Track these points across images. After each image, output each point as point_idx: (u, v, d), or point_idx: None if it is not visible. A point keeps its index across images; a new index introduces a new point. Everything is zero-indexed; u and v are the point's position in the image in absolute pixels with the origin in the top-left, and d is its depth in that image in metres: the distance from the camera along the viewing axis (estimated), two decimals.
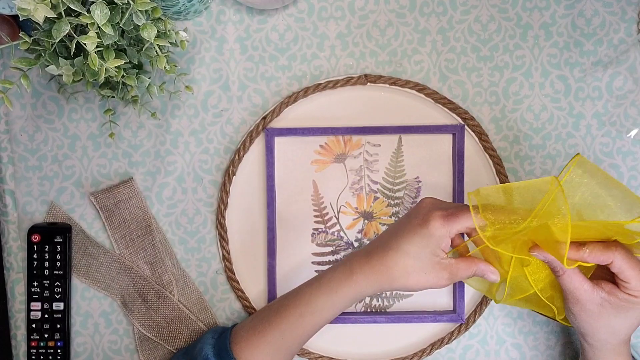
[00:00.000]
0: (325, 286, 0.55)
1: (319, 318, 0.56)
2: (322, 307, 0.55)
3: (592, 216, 0.50)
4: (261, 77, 0.68)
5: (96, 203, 0.67)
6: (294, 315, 0.56)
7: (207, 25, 0.67)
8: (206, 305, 0.69)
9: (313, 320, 0.56)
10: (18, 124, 0.68)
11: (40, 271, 0.67)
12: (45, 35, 0.52)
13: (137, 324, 0.68)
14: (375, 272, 0.53)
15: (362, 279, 0.53)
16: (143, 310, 0.68)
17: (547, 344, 0.69)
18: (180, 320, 0.68)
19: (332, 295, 0.54)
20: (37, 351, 0.67)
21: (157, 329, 0.68)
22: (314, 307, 0.55)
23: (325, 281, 0.55)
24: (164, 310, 0.68)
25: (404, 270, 0.51)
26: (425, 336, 0.69)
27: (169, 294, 0.68)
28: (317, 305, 0.55)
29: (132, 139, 0.68)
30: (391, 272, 0.52)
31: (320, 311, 0.55)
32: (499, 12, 0.68)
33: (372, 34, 0.68)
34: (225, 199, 0.68)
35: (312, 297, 0.56)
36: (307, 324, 0.56)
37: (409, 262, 0.51)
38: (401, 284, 0.52)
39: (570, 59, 0.68)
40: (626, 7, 0.68)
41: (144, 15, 0.53)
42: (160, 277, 0.68)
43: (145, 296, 0.68)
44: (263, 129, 0.67)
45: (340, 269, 0.55)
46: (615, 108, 0.68)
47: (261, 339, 0.57)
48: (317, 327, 0.57)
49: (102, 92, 0.61)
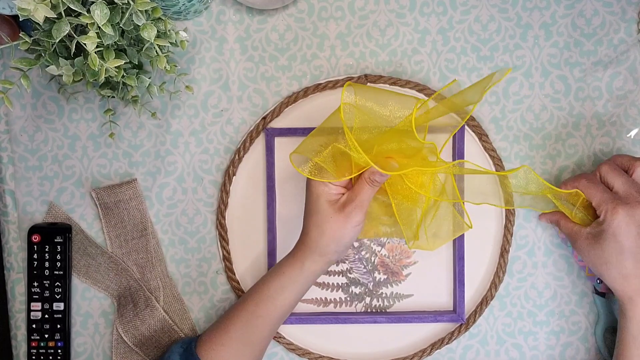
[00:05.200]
0: (274, 271, 0.61)
1: (275, 305, 0.59)
2: (273, 292, 0.59)
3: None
4: (261, 77, 0.68)
5: (97, 199, 0.67)
6: (251, 305, 0.60)
7: (207, 25, 0.67)
8: (188, 316, 0.69)
9: (270, 308, 0.59)
10: (18, 124, 0.68)
11: (41, 271, 0.67)
12: (45, 36, 0.52)
13: (120, 330, 0.67)
14: (301, 243, 0.59)
15: (298, 253, 0.59)
16: (131, 315, 0.67)
17: (547, 344, 0.69)
18: (164, 331, 0.68)
19: (280, 278, 0.59)
20: (38, 351, 0.67)
21: (138, 338, 0.67)
22: (267, 294, 0.59)
23: (275, 268, 0.61)
24: (149, 320, 0.67)
25: (317, 227, 0.58)
26: (425, 336, 0.69)
27: (156, 301, 0.67)
28: (269, 291, 0.59)
29: (132, 139, 0.68)
30: (310, 235, 0.58)
31: (273, 297, 0.59)
32: (499, 12, 0.68)
33: (372, 34, 0.68)
34: (225, 199, 0.68)
35: (264, 284, 0.60)
36: (265, 313, 0.59)
37: (314, 218, 0.58)
38: (324, 241, 0.57)
39: (570, 59, 0.68)
40: (626, 7, 0.68)
41: (144, 15, 0.53)
42: (148, 281, 0.68)
43: (136, 301, 0.67)
44: (263, 129, 0.67)
45: (286, 256, 0.61)
46: (615, 108, 0.68)
47: (225, 335, 0.60)
48: (275, 316, 0.60)
49: (102, 92, 0.61)
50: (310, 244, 0.58)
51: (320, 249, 0.58)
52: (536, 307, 0.69)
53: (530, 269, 0.69)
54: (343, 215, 0.56)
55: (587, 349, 0.70)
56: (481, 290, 0.69)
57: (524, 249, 0.69)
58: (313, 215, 0.58)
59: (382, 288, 0.69)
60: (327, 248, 0.58)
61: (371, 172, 0.56)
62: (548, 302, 0.69)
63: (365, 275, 0.69)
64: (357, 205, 0.56)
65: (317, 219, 0.58)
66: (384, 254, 0.69)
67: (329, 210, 0.57)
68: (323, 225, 0.57)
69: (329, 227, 0.57)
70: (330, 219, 0.57)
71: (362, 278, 0.69)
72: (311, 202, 0.58)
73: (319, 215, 0.57)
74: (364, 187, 0.57)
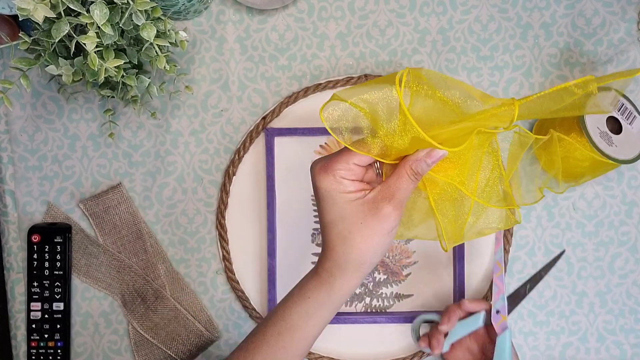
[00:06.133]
0: (297, 295, 0.49)
1: (300, 335, 0.49)
2: (297, 319, 0.49)
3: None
4: (261, 77, 0.68)
5: (85, 210, 0.67)
6: (272, 336, 0.49)
7: (207, 25, 0.67)
8: (202, 307, 0.69)
9: (295, 338, 0.49)
10: (18, 124, 0.68)
11: (40, 271, 0.67)
12: (45, 35, 0.52)
13: (136, 325, 0.68)
14: (326, 259, 0.47)
15: (324, 274, 0.48)
16: (142, 310, 0.68)
17: (547, 344, 0.69)
18: (178, 321, 0.68)
19: (304, 303, 0.48)
20: (37, 351, 0.67)
21: (154, 330, 0.68)
22: (290, 322, 0.49)
23: (296, 290, 0.50)
24: (162, 310, 0.68)
25: (343, 238, 0.45)
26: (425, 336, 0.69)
27: (167, 293, 0.68)
28: (292, 318, 0.49)
29: (132, 139, 0.68)
30: (336, 250, 0.46)
31: (298, 326, 0.49)
32: (499, 12, 0.68)
33: (372, 34, 0.68)
34: (225, 199, 0.68)
35: (286, 309, 0.49)
36: (290, 344, 0.49)
37: (337, 228, 0.45)
38: (355, 255, 0.45)
39: (570, 59, 0.68)
40: (626, 7, 0.68)
41: (144, 15, 0.53)
42: (152, 281, 0.68)
43: (144, 295, 0.68)
44: (263, 129, 0.67)
45: (309, 275, 0.50)
46: None
47: None
48: (302, 346, 0.50)
49: (102, 92, 0.61)
50: (338, 261, 0.46)
51: (352, 265, 0.46)
52: (536, 307, 0.69)
53: (530, 269, 0.69)
54: (377, 218, 0.44)
55: (587, 349, 0.69)
56: (481, 290, 0.69)
57: (524, 249, 0.69)
58: (335, 224, 0.45)
59: (382, 288, 0.69)
60: (361, 262, 0.46)
61: (414, 160, 0.44)
62: (548, 302, 0.69)
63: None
64: (395, 205, 0.44)
65: (342, 229, 0.45)
66: None
67: (355, 215, 0.45)
68: (351, 235, 0.45)
69: (359, 236, 0.45)
70: (360, 225, 0.44)
71: None
72: (326, 206, 0.46)
73: (343, 224, 0.45)
74: (403, 180, 0.44)
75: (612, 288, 0.69)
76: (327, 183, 0.45)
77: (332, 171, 0.45)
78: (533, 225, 0.69)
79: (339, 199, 0.45)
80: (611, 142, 0.61)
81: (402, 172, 0.45)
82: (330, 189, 0.45)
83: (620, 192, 0.69)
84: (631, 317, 0.69)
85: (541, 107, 0.45)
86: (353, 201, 0.45)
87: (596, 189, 0.69)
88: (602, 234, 0.69)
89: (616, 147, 0.61)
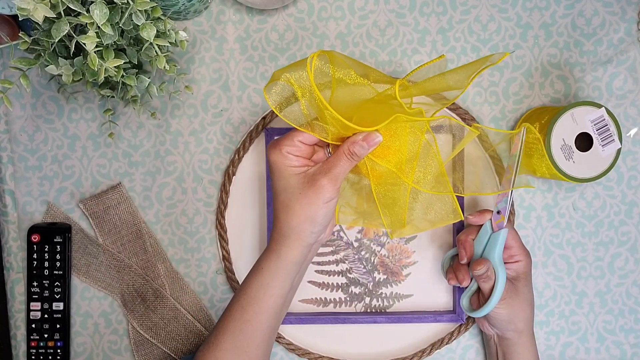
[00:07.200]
0: (253, 269, 0.55)
1: (260, 307, 0.53)
2: (256, 291, 0.53)
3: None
4: (261, 77, 0.68)
5: (85, 210, 0.67)
6: (237, 311, 0.54)
7: (207, 25, 0.67)
8: (202, 307, 0.69)
9: (256, 311, 0.53)
10: (18, 124, 0.68)
11: (40, 271, 0.67)
12: (44, 35, 0.52)
13: (136, 325, 0.68)
14: (274, 230, 0.53)
15: (272, 243, 0.53)
16: (142, 309, 0.68)
17: (547, 344, 0.69)
18: (178, 320, 0.68)
19: (260, 275, 0.53)
20: (37, 351, 0.67)
21: (154, 330, 0.68)
22: (250, 295, 0.53)
23: (254, 265, 0.55)
24: (161, 310, 0.68)
25: (285, 207, 0.51)
26: (425, 336, 0.69)
27: (166, 293, 0.68)
28: (251, 290, 0.53)
29: (132, 139, 0.68)
30: (280, 218, 0.52)
31: (257, 297, 0.53)
32: (499, 12, 0.68)
33: (372, 34, 0.68)
34: (225, 199, 0.68)
35: (245, 284, 0.54)
36: (252, 317, 0.53)
37: (281, 197, 0.52)
38: (296, 222, 0.51)
39: (570, 59, 0.68)
40: (626, 7, 0.68)
41: (144, 15, 0.53)
42: (152, 281, 0.68)
43: (144, 295, 0.68)
44: (263, 129, 0.67)
45: (265, 249, 0.55)
46: (615, 108, 0.68)
47: (216, 350, 0.54)
48: (265, 319, 0.54)
49: (101, 92, 0.61)
50: (282, 229, 0.52)
51: (294, 232, 0.51)
52: (536, 307, 0.69)
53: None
54: (314, 189, 0.50)
55: (587, 349, 0.69)
56: None
57: None
58: (280, 194, 0.52)
59: (382, 288, 0.69)
60: (300, 229, 0.51)
61: (351, 142, 0.50)
62: (548, 302, 0.69)
63: (365, 276, 0.69)
64: (330, 179, 0.50)
65: (284, 198, 0.51)
66: (383, 254, 0.69)
67: (296, 186, 0.51)
68: (291, 203, 0.51)
69: (298, 204, 0.50)
70: (299, 195, 0.50)
71: (361, 278, 0.69)
72: (274, 178, 0.52)
73: (286, 193, 0.51)
74: (341, 158, 0.50)
75: (612, 288, 0.69)
76: (275, 157, 0.51)
77: (280, 147, 0.51)
78: (533, 225, 0.69)
79: (285, 171, 0.51)
80: (570, 157, 0.60)
81: (340, 152, 0.51)
82: (277, 162, 0.51)
83: (620, 192, 0.69)
84: (631, 317, 0.69)
85: (423, 88, 0.51)
86: (296, 174, 0.51)
87: (596, 189, 0.69)
88: (602, 234, 0.69)
89: (573, 163, 0.60)
